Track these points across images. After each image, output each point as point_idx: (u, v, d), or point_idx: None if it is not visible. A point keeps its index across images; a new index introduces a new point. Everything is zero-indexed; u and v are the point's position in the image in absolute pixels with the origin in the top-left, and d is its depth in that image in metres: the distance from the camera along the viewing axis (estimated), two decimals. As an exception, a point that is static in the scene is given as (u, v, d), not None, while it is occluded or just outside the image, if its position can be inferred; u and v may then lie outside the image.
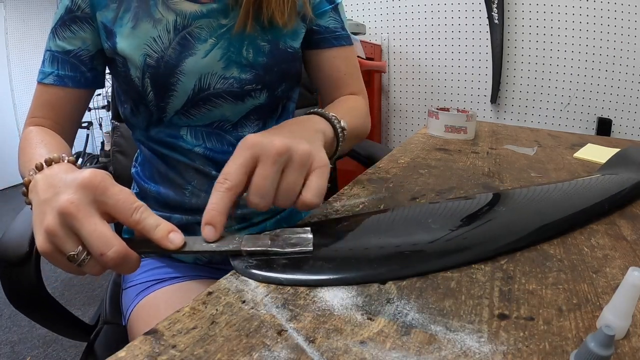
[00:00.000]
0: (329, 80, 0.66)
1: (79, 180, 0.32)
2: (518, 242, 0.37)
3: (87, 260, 0.32)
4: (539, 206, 0.44)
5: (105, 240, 0.31)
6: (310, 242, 0.34)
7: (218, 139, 0.58)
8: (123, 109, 0.62)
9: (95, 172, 0.33)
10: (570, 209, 0.42)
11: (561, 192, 0.47)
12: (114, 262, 0.31)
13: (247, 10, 0.53)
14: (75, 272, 0.34)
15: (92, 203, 0.32)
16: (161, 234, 0.32)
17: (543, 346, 0.25)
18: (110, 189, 0.32)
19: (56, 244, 0.31)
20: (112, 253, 0.31)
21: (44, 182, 0.35)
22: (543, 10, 2.00)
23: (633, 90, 1.93)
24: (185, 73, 0.53)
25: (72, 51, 0.55)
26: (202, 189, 0.58)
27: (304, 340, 0.25)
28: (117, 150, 0.91)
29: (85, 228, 0.31)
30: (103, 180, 0.32)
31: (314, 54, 0.65)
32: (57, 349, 1.38)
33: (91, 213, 0.31)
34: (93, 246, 0.31)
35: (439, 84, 2.33)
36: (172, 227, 0.33)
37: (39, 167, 0.37)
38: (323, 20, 0.63)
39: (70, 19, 0.54)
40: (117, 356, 0.23)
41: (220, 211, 0.34)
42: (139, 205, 0.33)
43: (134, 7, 0.53)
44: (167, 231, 0.33)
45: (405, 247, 0.35)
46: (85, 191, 0.32)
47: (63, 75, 0.55)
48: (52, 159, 0.38)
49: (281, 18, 0.55)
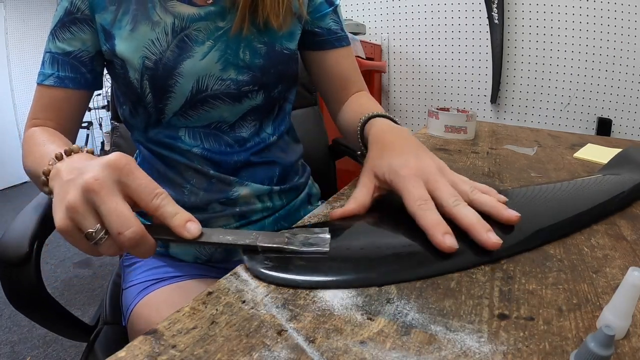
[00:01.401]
0: (336, 80, 0.67)
1: (105, 160, 0.33)
2: (519, 246, 0.36)
3: (104, 239, 0.32)
4: (541, 208, 0.43)
5: (125, 219, 0.31)
6: (328, 243, 0.34)
7: (216, 140, 0.59)
8: (122, 110, 0.62)
9: (122, 154, 0.34)
10: (573, 210, 0.42)
11: (562, 193, 0.47)
12: (130, 242, 0.31)
13: (244, 13, 0.54)
14: (90, 251, 0.34)
15: (115, 183, 0.32)
16: (178, 222, 0.33)
17: (543, 346, 0.25)
18: (135, 172, 0.33)
19: (76, 220, 0.32)
20: (130, 233, 0.31)
21: (67, 167, 0.36)
22: (543, 10, 2.00)
23: (633, 90, 1.93)
24: (183, 75, 0.54)
25: (72, 52, 0.55)
26: (200, 188, 0.59)
27: (304, 340, 0.25)
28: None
29: (107, 205, 0.31)
30: (128, 163, 0.34)
31: (317, 55, 0.66)
32: (57, 349, 1.38)
33: (114, 192, 0.32)
34: (112, 224, 0.31)
35: (439, 84, 2.33)
36: (190, 216, 0.34)
37: (59, 156, 0.38)
38: (324, 22, 0.64)
39: (69, 20, 0.54)
40: (117, 356, 0.23)
41: (441, 221, 0.35)
42: (160, 191, 0.34)
43: (132, 10, 0.53)
44: (185, 220, 0.33)
45: (414, 248, 0.35)
46: (110, 171, 0.32)
47: (63, 76, 0.55)
48: (72, 150, 0.39)
49: (276, 20, 0.56)
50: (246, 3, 0.54)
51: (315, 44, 0.65)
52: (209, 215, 0.59)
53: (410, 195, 0.37)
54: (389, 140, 0.45)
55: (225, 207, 0.59)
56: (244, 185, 0.60)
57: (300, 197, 0.68)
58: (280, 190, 0.63)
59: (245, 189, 0.60)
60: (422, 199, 0.36)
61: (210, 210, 0.59)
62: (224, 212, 0.59)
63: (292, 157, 0.66)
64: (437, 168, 0.40)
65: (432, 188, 0.37)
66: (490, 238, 0.33)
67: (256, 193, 0.60)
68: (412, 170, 0.39)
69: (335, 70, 0.67)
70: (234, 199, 0.59)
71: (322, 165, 1.05)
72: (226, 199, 0.59)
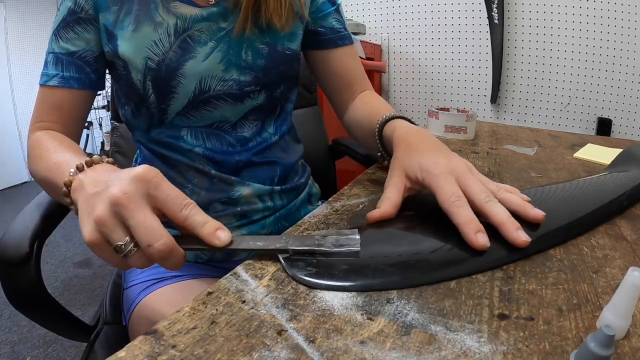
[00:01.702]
0: (341, 79, 0.68)
1: (132, 173, 0.33)
2: (524, 251, 0.35)
3: (133, 251, 0.32)
4: (559, 207, 0.43)
5: (154, 231, 0.31)
6: (358, 243, 0.34)
7: (217, 139, 0.59)
8: (124, 111, 0.62)
9: (149, 167, 0.34)
10: (579, 212, 0.42)
11: (565, 194, 0.46)
12: (160, 254, 0.31)
13: (246, 14, 0.54)
14: (120, 264, 0.34)
15: (144, 196, 0.32)
16: (209, 231, 0.33)
17: (543, 346, 0.25)
18: (163, 184, 0.34)
19: (105, 233, 0.32)
20: (160, 245, 0.31)
21: (91, 179, 0.36)
22: (543, 10, 1.99)
23: (633, 90, 1.93)
24: (185, 76, 0.54)
25: (76, 52, 0.54)
26: (202, 187, 0.59)
27: (304, 340, 0.25)
28: (116, 150, 0.91)
29: (136, 218, 0.31)
30: (156, 176, 0.34)
31: (320, 55, 0.67)
32: (57, 349, 1.38)
33: (142, 205, 0.32)
34: (141, 237, 0.31)
35: (439, 84, 2.33)
36: (220, 224, 0.34)
37: (80, 167, 0.38)
38: (327, 21, 0.65)
39: (73, 20, 0.54)
40: (117, 356, 0.23)
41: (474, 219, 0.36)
42: (189, 202, 0.34)
43: (134, 10, 0.53)
44: (215, 228, 0.34)
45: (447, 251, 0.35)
46: (138, 184, 0.32)
47: (68, 76, 0.55)
48: (93, 160, 0.39)
49: (279, 21, 0.56)
50: (249, 4, 0.54)
51: (318, 44, 0.66)
52: (211, 215, 0.59)
53: (443, 192, 0.38)
54: (415, 141, 0.46)
55: (226, 207, 0.60)
56: (246, 185, 0.60)
57: (300, 196, 0.68)
58: (281, 190, 0.63)
59: (247, 188, 0.60)
60: (455, 196, 0.37)
61: (211, 210, 0.59)
62: (226, 211, 0.60)
63: (293, 157, 0.67)
64: (466, 167, 0.41)
65: (464, 185, 0.38)
66: (520, 236, 0.34)
67: (257, 193, 0.61)
68: (444, 168, 0.40)
69: (339, 69, 0.67)
70: (236, 199, 0.59)
71: (322, 165, 1.05)
72: (228, 198, 0.59)
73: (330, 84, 0.69)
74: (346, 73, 0.67)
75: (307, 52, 0.68)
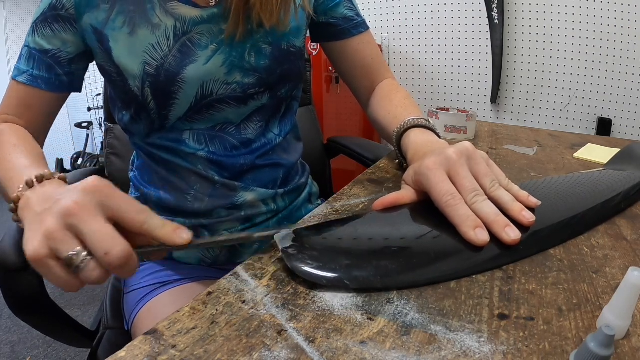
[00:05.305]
0: (359, 68, 0.67)
1: (83, 185, 0.32)
2: (524, 251, 0.35)
3: (86, 261, 0.30)
4: (545, 206, 0.42)
5: (112, 238, 0.30)
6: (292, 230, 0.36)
7: (221, 142, 0.57)
8: (121, 116, 0.59)
9: (100, 178, 0.33)
10: (580, 208, 0.41)
11: (566, 188, 0.46)
12: (119, 261, 0.30)
13: (237, 17, 0.52)
14: (66, 282, 0.31)
15: (97, 205, 0.31)
16: (168, 230, 0.32)
17: (543, 346, 0.25)
18: (115, 193, 0.32)
19: (53, 246, 0.30)
20: (118, 252, 0.29)
21: (39, 198, 0.34)
22: (543, 10, 1.99)
23: (633, 90, 1.93)
24: (186, 81, 0.52)
25: (50, 51, 0.52)
26: (205, 194, 0.57)
27: (304, 340, 0.25)
28: (111, 152, 0.89)
29: (90, 226, 0.30)
30: (108, 187, 0.32)
31: (336, 46, 0.66)
32: (57, 349, 1.38)
33: (96, 213, 0.30)
34: (97, 245, 0.29)
35: (439, 84, 2.33)
36: (179, 225, 0.33)
37: (29, 183, 0.36)
38: (339, 11, 0.63)
39: (52, 16, 0.51)
40: (117, 356, 0.23)
41: (471, 215, 0.35)
42: (145, 207, 0.33)
43: (129, 11, 0.51)
44: (174, 228, 0.33)
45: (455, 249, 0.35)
46: (90, 195, 0.31)
47: (37, 75, 0.53)
48: (44, 176, 0.37)
49: (269, 20, 0.52)
50: (239, 7, 0.51)
51: (333, 35, 0.64)
52: (215, 220, 0.59)
53: (435, 192, 0.37)
54: (425, 153, 0.45)
55: (230, 212, 0.59)
56: (249, 191, 0.59)
57: (302, 196, 0.67)
58: (284, 193, 0.63)
59: (251, 194, 0.59)
60: (448, 194, 0.36)
61: (215, 215, 0.58)
62: (229, 217, 0.59)
63: (294, 157, 0.66)
64: (459, 155, 0.38)
65: (454, 180, 0.37)
66: (509, 234, 0.34)
67: (261, 198, 0.60)
68: (433, 164, 0.38)
69: (357, 58, 0.66)
70: (240, 205, 0.59)
71: (318, 165, 1.05)
72: (231, 204, 0.58)
73: (349, 76, 0.68)
74: (363, 63, 0.66)
75: (323, 45, 0.67)
